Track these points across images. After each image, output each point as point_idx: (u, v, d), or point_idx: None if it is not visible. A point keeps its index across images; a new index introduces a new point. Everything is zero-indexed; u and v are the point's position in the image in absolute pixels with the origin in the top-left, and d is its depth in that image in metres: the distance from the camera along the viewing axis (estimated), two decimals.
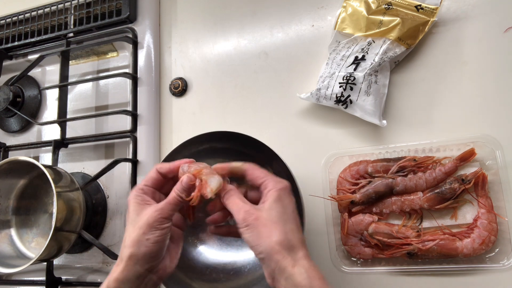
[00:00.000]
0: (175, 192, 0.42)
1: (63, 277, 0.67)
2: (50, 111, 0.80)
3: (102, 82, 0.76)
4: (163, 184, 0.46)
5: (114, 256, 0.62)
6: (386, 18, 0.56)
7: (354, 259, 0.54)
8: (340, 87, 0.55)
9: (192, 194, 0.42)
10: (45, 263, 0.65)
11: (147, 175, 0.45)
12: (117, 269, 0.40)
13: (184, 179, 0.42)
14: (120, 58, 0.76)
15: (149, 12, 0.73)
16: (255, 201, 0.42)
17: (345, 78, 0.55)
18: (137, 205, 0.42)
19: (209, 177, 0.42)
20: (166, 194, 0.44)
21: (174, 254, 0.45)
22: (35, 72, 0.82)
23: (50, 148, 0.70)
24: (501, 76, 0.53)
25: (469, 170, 0.51)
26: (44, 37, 0.77)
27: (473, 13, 0.55)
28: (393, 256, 0.52)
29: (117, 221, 0.69)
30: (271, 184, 0.41)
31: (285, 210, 0.40)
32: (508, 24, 0.54)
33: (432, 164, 0.53)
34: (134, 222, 0.41)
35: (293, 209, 0.41)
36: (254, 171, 0.43)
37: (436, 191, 0.51)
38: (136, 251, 0.40)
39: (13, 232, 0.68)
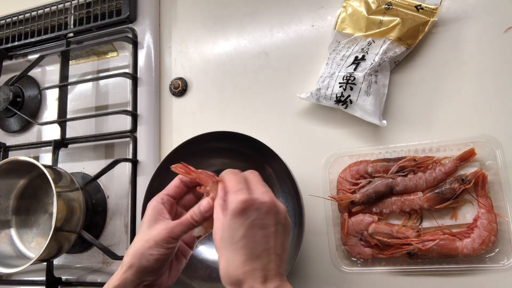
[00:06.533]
0: (191, 215, 0.41)
1: (63, 277, 0.66)
2: (50, 111, 0.80)
3: (102, 82, 0.76)
4: (184, 193, 0.45)
5: (114, 256, 0.62)
6: (386, 18, 0.56)
7: (354, 259, 0.54)
8: (340, 87, 0.55)
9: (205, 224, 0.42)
10: (45, 263, 0.65)
11: (172, 182, 0.44)
12: (116, 275, 0.40)
13: (203, 203, 0.41)
14: (120, 58, 0.76)
15: (149, 12, 0.73)
16: None
17: (345, 78, 0.55)
18: (153, 216, 0.41)
19: None
20: (185, 206, 0.44)
21: (174, 272, 0.44)
22: (35, 72, 0.82)
23: (50, 148, 0.70)
24: (501, 76, 0.53)
25: (469, 170, 0.51)
26: (44, 37, 0.77)
27: (473, 13, 0.55)
28: (393, 256, 0.52)
29: (117, 221, 0.69)
30: (227, 203, 0.38)
31: (232, 239, 0.36)
32: (508, 24, 0.54)
33: (432, 164, 0.53)
34: (144, 233, 0.41)
35: (243, 235, 0.36)
36: (225, 183, 0.40)
37: (436, 191, 0.51)
38: (136, 262, 0.39)
39: (13, 232, 0.68)
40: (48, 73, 0.82)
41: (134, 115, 0.68)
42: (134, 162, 0.66)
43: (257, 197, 0.38)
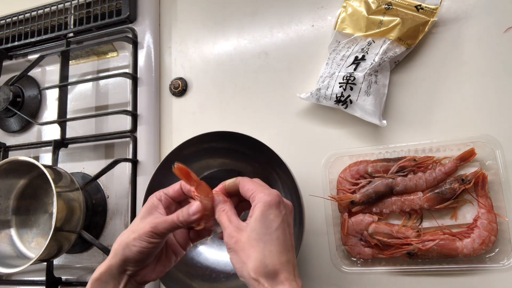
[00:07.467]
0: (177, 215, 0.42)
1: (63, 277, 0.67)
2: (50, 111, 0.80)
3: (102, 82, 0.76)
4: (182, 198, 0.45)
5: None
6: (386, 18, 0.56)
7: (354, 259, 0.54)
8: (340, 87, 0.55)
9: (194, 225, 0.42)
10: (45, 263, 0.65)
11: (173, 184, 0.45)
12: (104, 262, 0.42)
13: (193, 206, 0.41)
14: (120, 58, 0.76)
15: (149, 12, 0.73)
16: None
17: (345, 78, 0.55)
18: (147, 210, 0.43)
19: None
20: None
21: (160, 267, 0.44)
22: (35, 72, 0.82)
23: (50, 148, 0.70)
24: (501, 76, 0.53)
25: (469, 170, 0.51)
26: (44, 37, 0.77)
27: (473, 13, 0.56)
28: (393, 256, 0.52)
29: (117, 221, 0.69)
30: (258, 198, 0.39)
31: (267, 229, 0.37)
32: (508, 24, 0.54)
33: (432, 164, 0.53)
34: (135, 224, 0.43)
35: (278, 226, 0.38)
36: (244, 184, 0.41)
37: (436, 191, 0.51)
38: (120, 251, 0.41)
39: (13, 232, 0.68)
40: (48, 73, 0.82)
41: (134, 115, 0.68)
42: (134, 162, 0.66)
43: (283, 198, 0.40)
